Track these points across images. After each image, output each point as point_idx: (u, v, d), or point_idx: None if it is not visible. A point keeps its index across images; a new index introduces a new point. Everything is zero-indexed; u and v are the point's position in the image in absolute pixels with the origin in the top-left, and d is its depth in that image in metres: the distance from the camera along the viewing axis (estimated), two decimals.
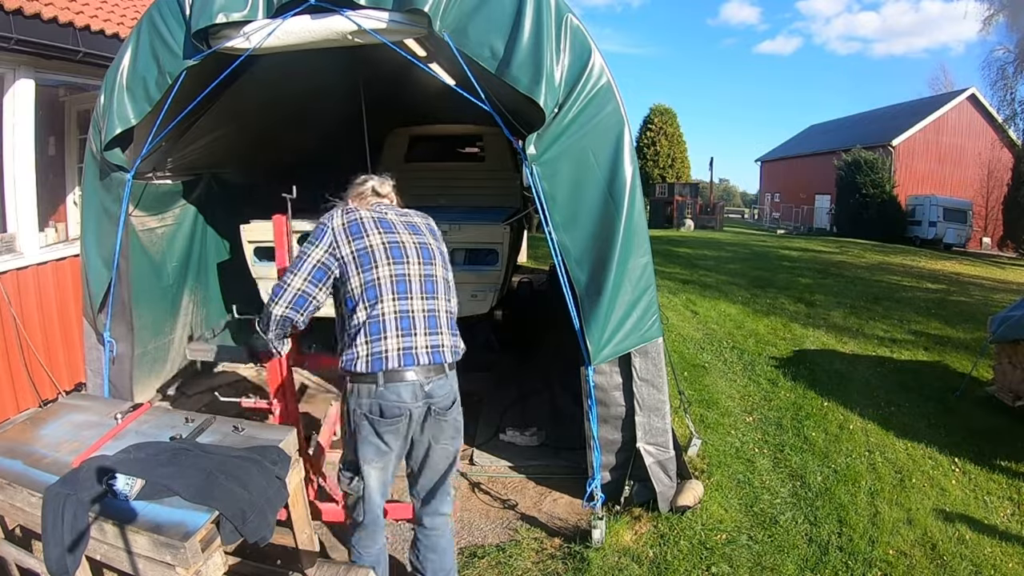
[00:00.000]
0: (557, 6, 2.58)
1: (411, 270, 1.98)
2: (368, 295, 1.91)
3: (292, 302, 1.95)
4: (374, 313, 1.90)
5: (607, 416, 2.87)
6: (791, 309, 7.59)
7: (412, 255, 2.00)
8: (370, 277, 1.92)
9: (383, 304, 1.91)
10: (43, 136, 4.44)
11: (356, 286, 1.93)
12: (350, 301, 1.94)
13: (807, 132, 37.29)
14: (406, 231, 2.05)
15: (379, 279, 1.92)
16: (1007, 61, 18.74)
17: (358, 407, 1.91)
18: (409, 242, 2.03)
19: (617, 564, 2.55)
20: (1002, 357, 4.46)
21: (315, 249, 1.96)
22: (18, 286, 3.99)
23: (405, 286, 1.95)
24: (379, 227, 2.01)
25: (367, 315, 1.90)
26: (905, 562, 2.65)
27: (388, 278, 1.93)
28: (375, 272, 1.93)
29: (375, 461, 1.96)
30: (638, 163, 2.80)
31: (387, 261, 1.95)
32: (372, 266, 1.93)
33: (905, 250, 17.30)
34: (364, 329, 1.90)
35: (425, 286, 2.00)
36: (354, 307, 1.93)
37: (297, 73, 4.00)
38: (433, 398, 1.95)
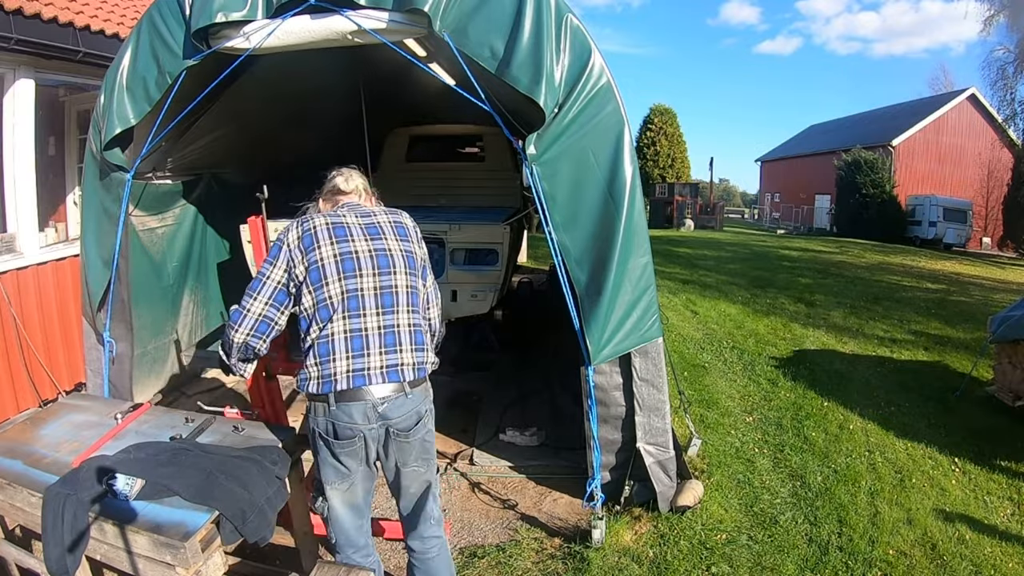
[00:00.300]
0: (557, 6, 2.58)
1: (364, 283, 1.84)
2: (320, 315, 1.81)
3: (253, 329, 1.84)
4: (324, 333, 1.79)
5: (607, 416, 2.87)
6: (791, 309, 7.59)
7: (366, 266, 1.86)
8: (321, 296, 1.81)
9: (333, 324, 1.79)
10: (43, 136, 4.44)
11: (309, 305, 1.83)
12: (304, 321, 1.85)
13: (807, 132, 37.29)
14: (363, 238, 1.90)
15: (330, 297, 1.81)
16: (1007, 61, 18.73)
17: (316, 426, 1.84)
18: (364, 251, 1.87)
19: (617, 564, 2.55)
20: (1002, 357, 4.46)
21: (273, 269, 1.84)
22: (18, 286, 3.99)
23: (357, 302, 1.82)
24: (332, 236, 1.86)
25: (317, 335, 1.80)
26: (905, 562, 2.65)
27: (339, 295, 1.81)
28: (325, 290, 1.81)
29: (337, 483, 1.88)
30: (638, 163, 2.80)
31: (338, 276, 1.82)
32: (322, 283, 1.81)
33: (905, 250, 17.30)
34: (314, 350, 1.80)
35: (382, 299, 1.85)
36: (308, 327, 1.83)
37: (297, 73, 4.00)
38: (390, 419, 1.83)
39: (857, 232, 21.82)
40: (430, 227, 4.11)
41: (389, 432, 1.84)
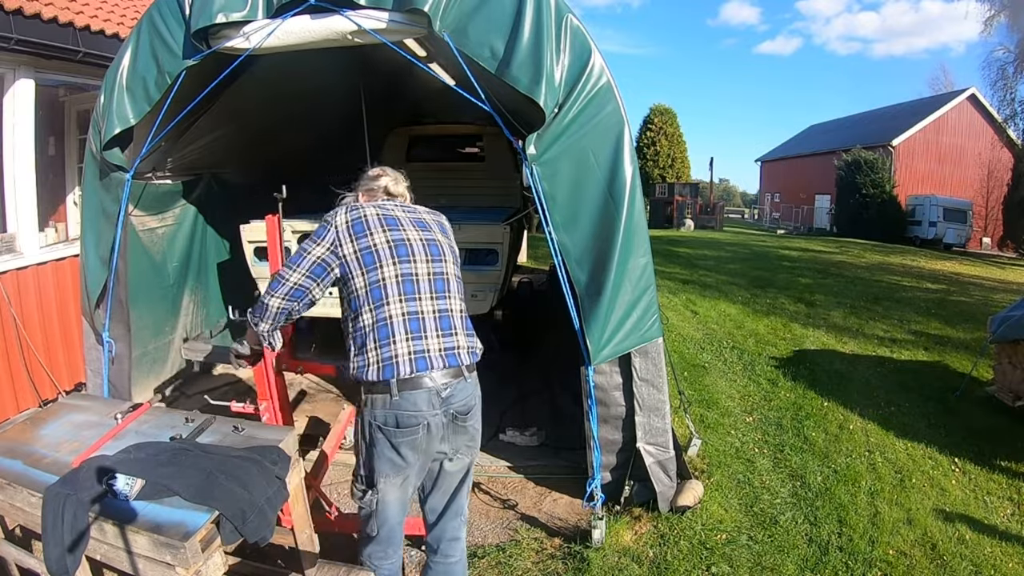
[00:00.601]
0: (557, 6, 2.58)
1: (419, 269, 1.89)
2: (373, 296, 1.82)
3: (289, 294, 1.88)
4: (380, 316, 1.81)
5: (607, 416, 2.87)
6: (791, 309, 7.59)
7: (420, 253, 1.91)
8: (375, 277, 1.83)
9: (389, 306, 1.81)
10: (43, 136, 4.44)
11: (360, 287, 1.84)
12: (355, 303, 1.86)
13: (807, 132, 37.29)
14: (413, 228, 1.96)
15: (384, 279, 1.83)
16: (1007, 61, 18.75)
17: (372, 419, 1.83)
18: (416, 239, 1.93)
19: (617, 564, 2.55)
20: (1002, 357, 4.46)
21: (316, 246, 1.87)
22: (18, 286, 3.99)
23: (412, 286, 1.86)
24: (384, 224, 1.91)
25: (373, 318, 1.81)
26: (905, 562, 2.65)
27: (394, 278, 1.84)
28: (380, 272, 1.83)
29: (392, 476, 1.87)
30: (638, 163, 2.80)
31: (392, 260, 1.85)
32: (376, 266, 1.84)
33: (905, 250, 17.30)
34: (372, 333, 1.81)
35: (435, 285, 1.90)
36: (358, 309, 1.84)
37: (297, 73, 4.00)
38: (452, 404, 1.85)
39: (857, 232, 21.82)
40: None
41: (450, 417, 1.86)
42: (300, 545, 2.15)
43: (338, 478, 3.27)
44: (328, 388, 4.50)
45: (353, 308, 1.87)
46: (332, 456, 3.17)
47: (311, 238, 1.90)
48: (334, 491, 3.15)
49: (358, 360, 1.83)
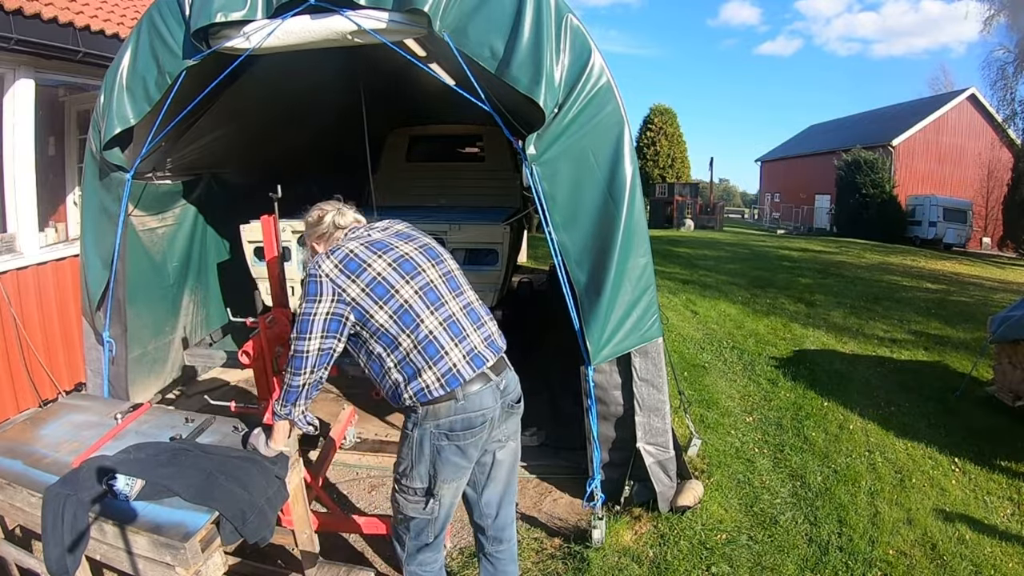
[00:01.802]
0: (557, 6, 2.57)
1: (431, 275, 1.84)
2: (404, 321, 1.75)
3: (315, 364, 1.77)
4: (420, 335, 1.74)
5: (607, 416, 2.87)
6: (791, 309, 7.59)
7: (423, 261, 1.86)
8: (396, 304, 1.75)
9: (424, 322, 1.75)
10: (43, 136, 4.44)
11: (384, 320, 1.75)
12: (384, 337, 1.76)
13: (807, 132, 37.28)
14: (401, 242, 1.89)
15: (407, 301, 1.76)
16: (1007, 61, 18.75)
17: (436, 428, 1.76)
18: (411, 250, 1.87)
19: (617, 564, 2.55)
20: (1002, 357, 4.46)
21: (318, 304, 1.75)
22: (18, 286, 3.99)
23: (435, 294, 1.82)
24: (374, 251, 1.82)
25: (413, 340, 1.74)
26: (905, 562, 2.65)
27: (415, 295, 1.78)
28: (398, 296, 1.76)
29: (453, 480, 1.84)
30: (638, 163, 2.80)
31: (404, 280, 1.78)
32: (392, 292, 1.76)
33: (905, 250, 17.30)
34: (420, 355, 1.74)
35: (450, 284, 1.88)
36: (393, 340, 1.75)
37: (297, 73, 4.00)
38: (508, 392, 1.87)
39: (857, 232, 21.81)
40: (430, 227, 4.10)
41: (506, 406, 1.86)
42: (300, 545, 2.15)
43: (338, 478, 3.27)
44: (328, 388, 4.50)
45: (384, 343, 1.77)
46: (332, 456, 3.17)
47: (306, 300, 1.77)
48: (334, 491, 3.15)
49: (414, 387, 1.74)
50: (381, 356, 1.79)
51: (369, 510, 3.02)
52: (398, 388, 1.78)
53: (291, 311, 2.51)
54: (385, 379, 1.81)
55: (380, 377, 1.82)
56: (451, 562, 2.60)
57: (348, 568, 2.16)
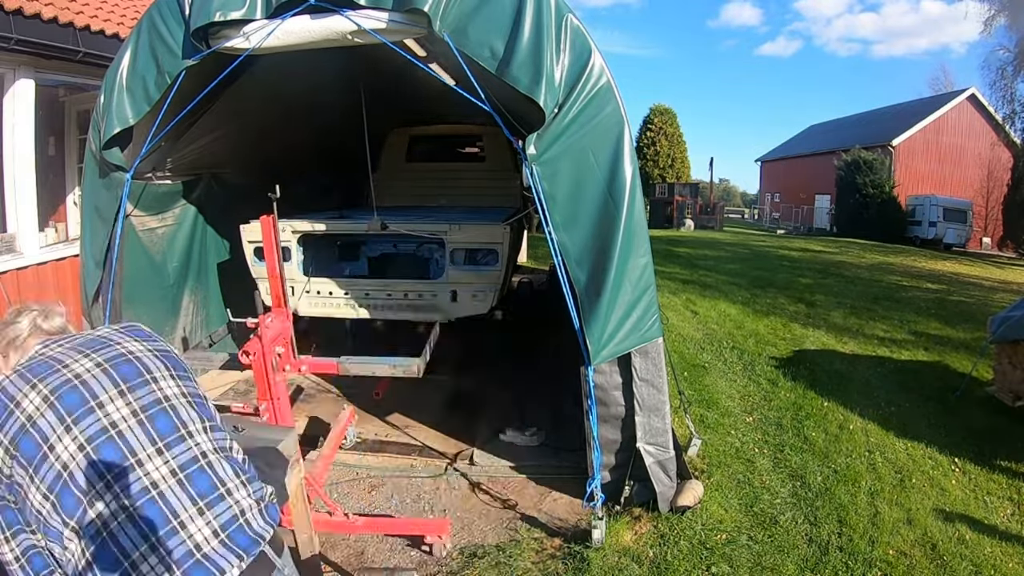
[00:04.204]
0: (557, 6, 2.58)
1: (118, 414, 1.14)
2: (65, 506, 1.06)
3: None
4: (89, 526, 1.06)
5: (607, 416, 2.87)
6: (791, 309, 7.59)
7: (112, 390, 1.16)
8: (51, 473, 1.06)
9: (93, 507, 1.05)
10: (43, 136, 4.44)
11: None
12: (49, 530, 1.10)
13: (807, 132, 37.29)
14: (84, 354, 1.20)
15: (67, 469, 1.06)
16: (1007, 61, 18.76)
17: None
18: (94, 371, 1.17)
19: (617, 564, 2.55)
20: (1002, 357, 4.45)
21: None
22: (18, 286, 3.99)
23: (120, 451, 1.10)
24: (28, 379, 1.14)
25: (81, 540, 1.07)
26: (905, 562, 2.65)
27: (79, 454, 1.07)
28: (51, 461, 1.06)
29: None
30: (638, 163, 2.80)
31: (64, 427, 1.09)
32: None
33: (905, 250, 17.30)
34: (89, 564, 1.06)
35: (156, 425, 1.17)
36: (60, 532, 1.08)
37: (297, 73, 4.00)
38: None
39: (857, 232, 21.82)
40: (430, 227, 4.11)
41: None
42: (300, 545, 2.15)
43: (338, 478, 3.27)
44: (328, 388, 4.51)
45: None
46: (332, 456, 3.17)
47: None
48: (334, 491, 3.15)
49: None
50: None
51: (369, 510, 3.02)
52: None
53: (291, 311, 2.52)
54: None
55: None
56: (451, 562, 2.60)
57: (390, 572, 2.15)
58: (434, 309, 4.11)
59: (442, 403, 4.24)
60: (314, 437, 3.54)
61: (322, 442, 3.34)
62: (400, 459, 3.49)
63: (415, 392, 4.23)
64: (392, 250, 4.52)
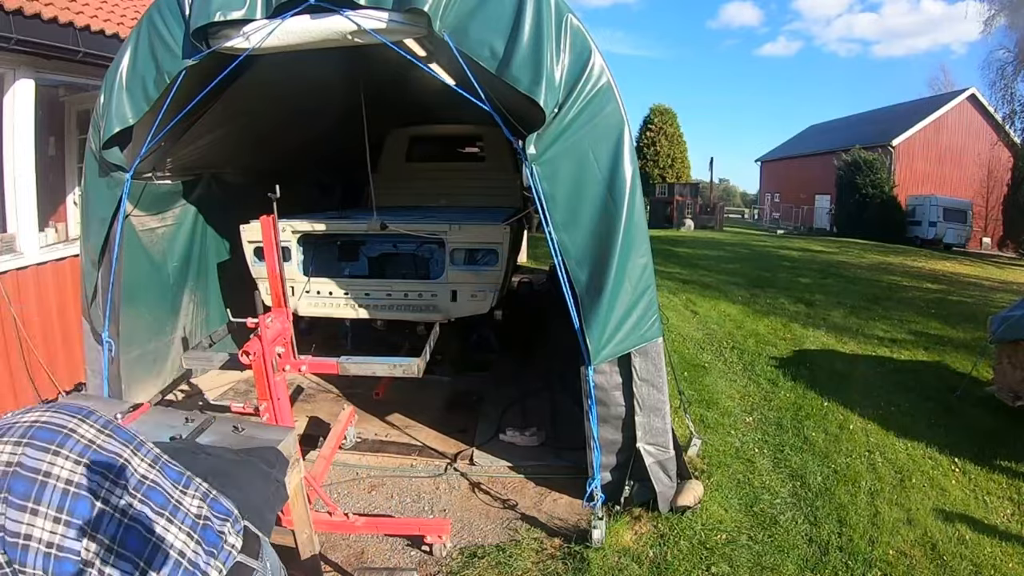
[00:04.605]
0: (557, 6, 2.58)
1: (89, 433, 1.08)
2: (80, 513, 1.00)
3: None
4: (109, 521, 1.02)
5: (607, 416, 2.87)
6: (791, 309, 7.59)
7: (72, 418, 1.08)
8: (57, 494, 0.99)
9: (108, 503, 1.03)
10: (43, 136, 4.44)
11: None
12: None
13: (807, 132, 37.29)
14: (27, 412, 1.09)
15: (71, 484, 1.01)
16: (1007, 61, 18.75)
17: None
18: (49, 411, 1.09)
19: (617, 564, 2.55)
20: (1002, 357, 4.45)
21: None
22: (18, 286, 3.99)
23: (104, 456, 1.07)
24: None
25: (100, 545, 1.01)
26: (905, 562, 2.65)
27: (77, 468, 1.02)
28: (52, 483, 0.99)
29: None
30: (638, 163, 2.80)
31: (53, 453, 1.02)
32: (42, 481, 0.99)
33: (905, 250, 17.30)
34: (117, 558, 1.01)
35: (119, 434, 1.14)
36: (76, 557, 0.98)
37: (297, 73, 3.99)
38: None
39: (857, 232, 21.83)
40: (430, 227, 4.11)
41: None
42: (300, 545, 2.15)
43: (338, 478, 3.27)
44: (328, 388, 4.51)
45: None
46: (332, 456, 3.17)
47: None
48: (334, 491, 3.15)
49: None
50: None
51: (369, 510, 3.02)
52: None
53: (291, 311, 2.51)
54: None
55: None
56: (451, 562, 2.60)
57: (391, 572, 2.15)
58: (434, 309, 4.11)
59: (442, 403, 4.24)
60: (314, 437, 3.54)
61: (322, 442, 3.33)
62: (400, 459, 3.49)
63: (415, 392, 4.23)
64: (392, 250, 4.52)
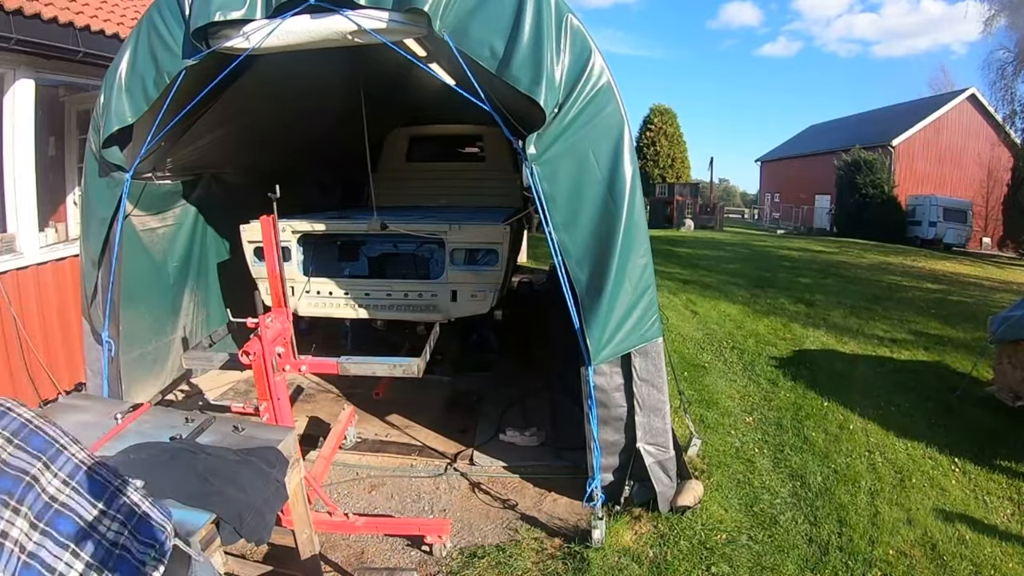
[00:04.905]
0: (557, 6, 2.58)
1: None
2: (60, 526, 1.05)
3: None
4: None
5: (607, 416, 2.87)
6: (791, 309, 7.59)
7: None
8: (39, 502, 1.05)
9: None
10: (43, 136, 4.44)
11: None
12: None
13: (807, 132, 37.27)
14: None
15: (55, 500, 1.06)
16: (1007, 61, 18.74)
17: None
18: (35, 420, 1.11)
19: (617, 564, 2.55)
20: (1002, 357, 4.45)
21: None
22: (18, 286, 3.99)
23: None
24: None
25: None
26: (905, 562, 2.65)
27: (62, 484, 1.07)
28: (37, 489, 1.06)
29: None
30: (638, 163, 2.80)
31: (43, 464, 1.08)
32: (27, 483, 1.06)
33: (905, 250, 17.30)
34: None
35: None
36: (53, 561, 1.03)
37: (297, 73, 4.00)
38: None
39: (857, 232, 21.82)
40: (430, 227, 4.11)
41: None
42: (300, 545, 2.16)
43: (338, 478, 3.27)
44: (328, 388, 4.51)
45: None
46: (332, 456, 3.17)
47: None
48: (334, 491, 3.15)
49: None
50: None
51: (369, 510, 3.02)
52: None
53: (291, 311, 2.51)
54: None
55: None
56: (451, 562, 2.60)
57: (391, 572, 2.15)
58: (434, 309, 4.11)
59: (442, 403, 4.24)
60: (314, 437, 3.54)
61: (322, 442, 3.33)
62: (400, 459, 3.49)
63: (415, 392, 4.23)
64: (392, 250, 4.52)
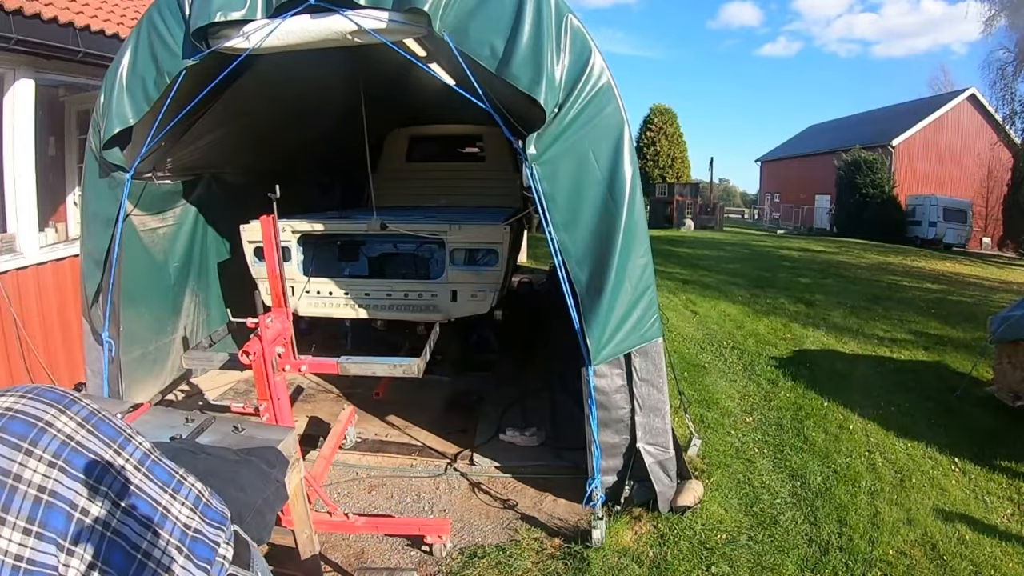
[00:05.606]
0: (557, 6, 2.58)
1: (67, 428, 0.98)
2: (55, 526, 0.90)
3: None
4: (89, 533, 0.95)
5: (607, 418, 2.87)
6: (791, 309, 7.59)
7: (48, 410, 0.99)
8: (28, 502, 0.89)
9: (88, 515, 0.95)
10: (43, 136, 4.44)
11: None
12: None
13: (807, 132, 37.28)
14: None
15: (44, 490, 0.91)
16: (1007, 61, 18.73)
17: None
18: (24, 398, 0.99)
19: (617, 564, 2.55)
20: (1002, 357, 4.45)
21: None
22: (18, 286, 3.99)
23: (82, 457, 0.99)
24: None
25: (81, 556, 0.92)
26: (905, 562, 2.65)
27: (52, 471, 0.93)
28: (23, 489, 0.89)
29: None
30: (638, 163, 2.80)
31: (25, 452, 0.92)
32: (11, 486, 0.88)
33: (905, 250, 17.31)
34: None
35: (103, 430, 1.06)
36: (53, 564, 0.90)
37: (297, 73, 4.00)
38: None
39: (857, 232, 21.83)
40: (430, 227, 4.11)
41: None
42: (300, 545, 2.15)
43: (338, 478, 3.27)
44: (328, 388, 4.51)
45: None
46: (332, 456, 3.17)
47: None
48: (334, 491, 3.15)
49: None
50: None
51: (369, 510, 3.02)
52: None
53: (291, 311, 2.51)
54: None
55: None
56: (451, 562, 2.60)
57: (391, 572, 2.15)
58: (434, 309, 4.11)
59: (442, 403, 4.24)
60: (314, 437, 3.54)
61: (322, 442, 3.33)
62: (400, 459, 3.49)
63: (415, 392, 4.23)
64: (392, 250, 4.52)
